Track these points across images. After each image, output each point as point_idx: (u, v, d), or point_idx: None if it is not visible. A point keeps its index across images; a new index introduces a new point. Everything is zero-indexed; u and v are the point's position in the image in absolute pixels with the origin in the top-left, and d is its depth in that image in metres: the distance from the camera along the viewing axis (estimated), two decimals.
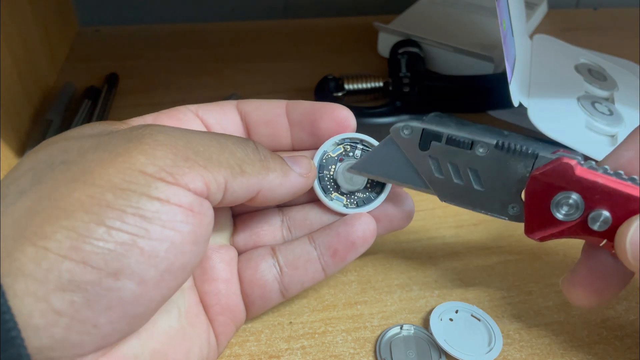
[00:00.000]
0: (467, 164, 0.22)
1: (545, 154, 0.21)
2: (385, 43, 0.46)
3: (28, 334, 0.14)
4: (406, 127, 0.22)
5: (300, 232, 0.24)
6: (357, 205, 0.24)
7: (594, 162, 0.21)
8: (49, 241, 0.15)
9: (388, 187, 0.24)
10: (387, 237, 0.30)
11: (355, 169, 0.23)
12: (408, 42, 0.43)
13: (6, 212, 0.16)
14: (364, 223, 0.23)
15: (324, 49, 0.49)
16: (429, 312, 0.26)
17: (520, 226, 0.31)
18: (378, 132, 0.37)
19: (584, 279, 0.22)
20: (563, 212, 0.21)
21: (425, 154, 0.22)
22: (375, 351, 0.24)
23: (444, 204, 0.33)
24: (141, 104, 0.41)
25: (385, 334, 0.25)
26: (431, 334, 0.25)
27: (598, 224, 0.20)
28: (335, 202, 0.24)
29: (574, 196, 0.20)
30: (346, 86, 0.40)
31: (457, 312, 0.26)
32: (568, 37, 0.45)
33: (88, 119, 0.38)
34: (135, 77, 0.44)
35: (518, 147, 0.21)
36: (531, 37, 0.44)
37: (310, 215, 0.24)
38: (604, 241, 0.21)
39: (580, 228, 0.21)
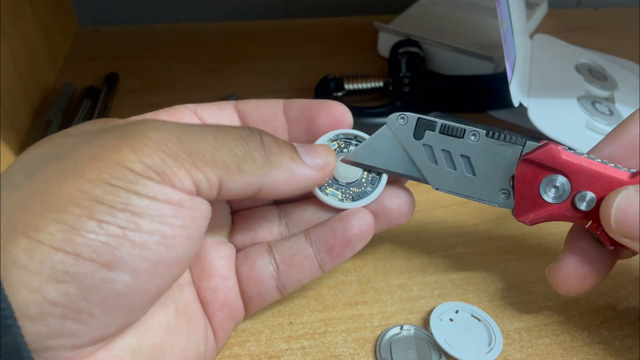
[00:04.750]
0: (459, 151, 0.23)
1: (533, 142, 0.22)
2: (385, 43, 0.46)
3: (24, 323, 0.15)
4: (401, 116, 0.23)
5: (298, 228, 0.24)
6: (353, 200, 0.23)
7: (578, 151, 0.22)
8: (41, 233, 0.15)
9: (384, 181, 0.24)
10: (387, 237, 0.30)
11: (350, 158, 0.24)
12: (408, 42, 0.43)
13: (1, 206, 0.16)
14: (360, 219, 0.22)
15: (324, 49, 0.49)
16: (429, 312, 0.26)
17: (520, 226, 0.31)
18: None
19: (569, 266, 0.23)
20: (551, 194, 0.22)
21: (419, 142, 0.23)
22: (375, 351, 0.24)
23: (444, 204, 0.33)
24: (141, 104, 0.41)
25: (385, 334, 0.25)
26: (431, 334, 0.25)
27: (584, 203, 0.22)
28: (331, 197, 0.23)
29: (561, 178, 0.22)
30: (346, 86, 0.40)
31: (457, 312, 0.26)
32: (568, 37, 0.45)
33: (88, 119, 0.38)
34: (135, 77, 0.44)
35: (507, 135, 0.22)
36: (531, 37, 0.44)
37: (307, 211, 0.24)
38: (590, 222, 0.22)
39: (567, 209, 0.22)
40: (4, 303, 0.14)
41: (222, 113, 0.24)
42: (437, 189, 0.24)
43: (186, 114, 0.23)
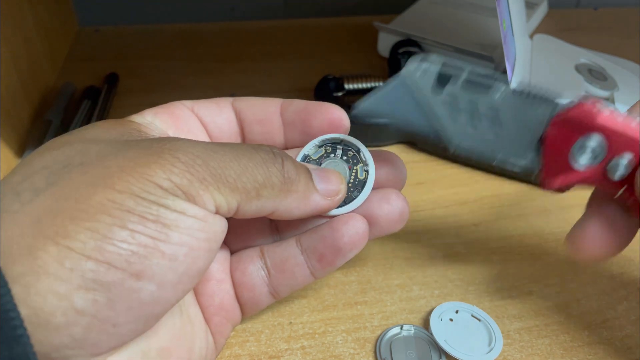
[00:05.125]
0: (482, 109, 0.21)
1: (564, 101, 0.20)
2: (385, 43, 0.46)
3: (48, 332, 0.14)
4: (420, 67, 0.21)
5: (289, 232, 0.23)
6: (339, 206, 0.22)
7: (616, 108, 0.20)
8: (72, 241, 0.15)
9: (370, 184, 0.22)
10: (387, 237, 0.30)
11: (362, 111, 0.21)
12: (408, 42, 0.43)
13: (24, 210, 0.16)
14: (351, 227, 0.21)
15: (324, 49, 0.49)
16: (429, 312, 0.26)
17: (520, 226, 0.31)
18: (378, 132, 0.37)
19: (592, 230, 0.21)
20: (584, 157, 0.20)
21: (439, 96, 0.21)
22: (375, 351, 0.24)
23: (444, 204, 0.33)
24: (141, 104, 0.41)
25: (385, 334, 0.25)
26: (431, 334, 0.24)
27: (620, 168, 0.19)
28: None
29: (596, 140, 0.19)
30: (346, 86, 0.40)
31: (457, 312, 0.26)
32: (568, 37, 0.45)
33: (88, 119, 0.38)
34: (135, 77, 0.44)
35: (537, 93, 0.20)
36: (531, 36, 0.44)
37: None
38: (622, 189, 0.20)
39: (599, 175, 0.20)
40: (14, 312, 0.14)
41: (219, 111, 0.24)
42: (454, 151, 0.21)
43: (183, 111, 0.23)
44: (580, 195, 0.34)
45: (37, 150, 0.18)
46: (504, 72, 0.33)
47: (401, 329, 0.25)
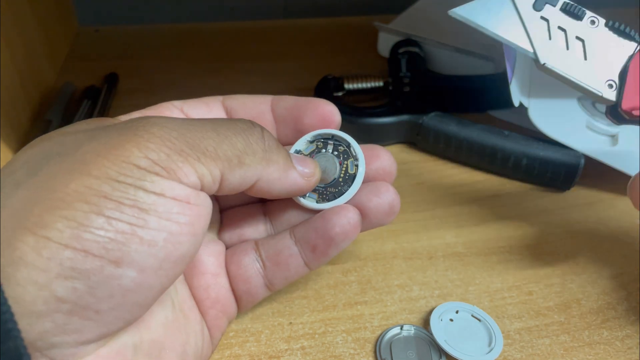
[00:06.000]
0: (575, 33, 0.23)
1: None
2: (385, 43, 0.46)
3: (31, 320, 0.15)
4: None
5: (282, 226, 0.24)
6: (329, 200, 0.23)
7: None
8: (49, 230, 0.15)
9: (360, 179, 0.23)
10: (387, 237, 0.30)
11: (462, 12, 0.24)
12: (408, 42, 0.43)
13: (5, 204, 0.16)
14: (342, 217, 0.22)
15: (324, 49, 0.49)
16: (429, 313, 0.26)
17: (520, 226, 0.31)
18: (378, 132, 0.37)
19: None
20: None
21: (538, 13, 0.23)
22: (375, 351, 0.24)
23: (444, 204, 0.33)
24: (141, 104, 0.41)
25: (385, 334, 0.25)
26: (431, 334, 0.24)
27: None
28: (308, 199, 0.23)
29: None
30: (346, 86, 0.40)
31: (457, 312, 0.26)
32: None
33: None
34: (135, 77, 0.44)
35: (627, 28, 0.23)
36: None
37: (291, 209, 0.24)
38: None
39: None
40: (4, 307, 0.14)
41: (208, 110, 0.24)
42: (543, 64, 0.23)
43: (173, 111, 0.23)
44: (581, 195, 0.34)
45: (21, 150, 0.19)
46: (504, 72, 0.33)
47: (401, 329, 0.25)
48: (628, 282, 0.28)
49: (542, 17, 0.23)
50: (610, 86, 0.23)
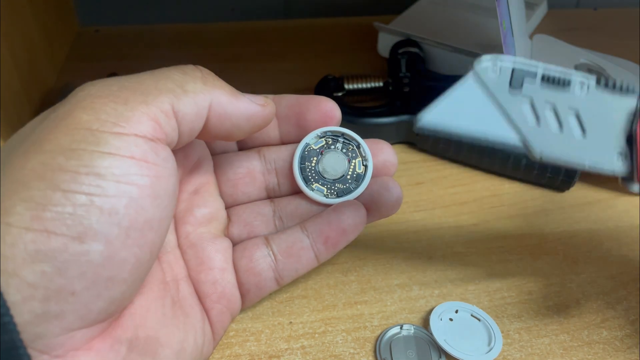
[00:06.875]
0: (565, 106, 0.19)
1: None
2: (385, 43, 0.46)
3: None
4: (495, 64, 0.18)
5: (292, 221, 0.24)
6: (337, 196, 0.24)
7: None
8: (10, 216, 0.15)
9: (368, 178, 0.24)
10: (388, 237, 0.30)
11: (427, 122, 0.18)
12: (408, 42, 0.43)
13: None
14: (353, 210, 0.23)
15: (324, 49, 0.49)
16: (429, 312, 0.26)
17: (520, 226, 0.31)
18: (378, 132, 0.37)
19: None
20: None
21: (517, 96, 0.18)
22: (375, 351, 0.24)
23: (444, 204, 0.33)
24: None
25: (385, 333, 0.25)
26: (431, 333, 0.25)
27: None
28: (317, 193, 0.24)
29: None
30: (346, 86, 0.40)
31: (457, 312, 0.26)
32: (568, 37, 0.45)
33: None
34: None
35: (621, 83, 0.19)
36: (531, 37, 0.44)
37: (301, 205, 0.24)
38: None
39: None
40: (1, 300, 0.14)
41: None
42: (540, 158, 0.19)
43: None
44: (580, 195, 0.34)
45: None
46: None
47: (401, 328, 0.25)
48: (627, 282, 0.28)
49: (523, 97, 0.18)
50: (621, 156, 0.19)
